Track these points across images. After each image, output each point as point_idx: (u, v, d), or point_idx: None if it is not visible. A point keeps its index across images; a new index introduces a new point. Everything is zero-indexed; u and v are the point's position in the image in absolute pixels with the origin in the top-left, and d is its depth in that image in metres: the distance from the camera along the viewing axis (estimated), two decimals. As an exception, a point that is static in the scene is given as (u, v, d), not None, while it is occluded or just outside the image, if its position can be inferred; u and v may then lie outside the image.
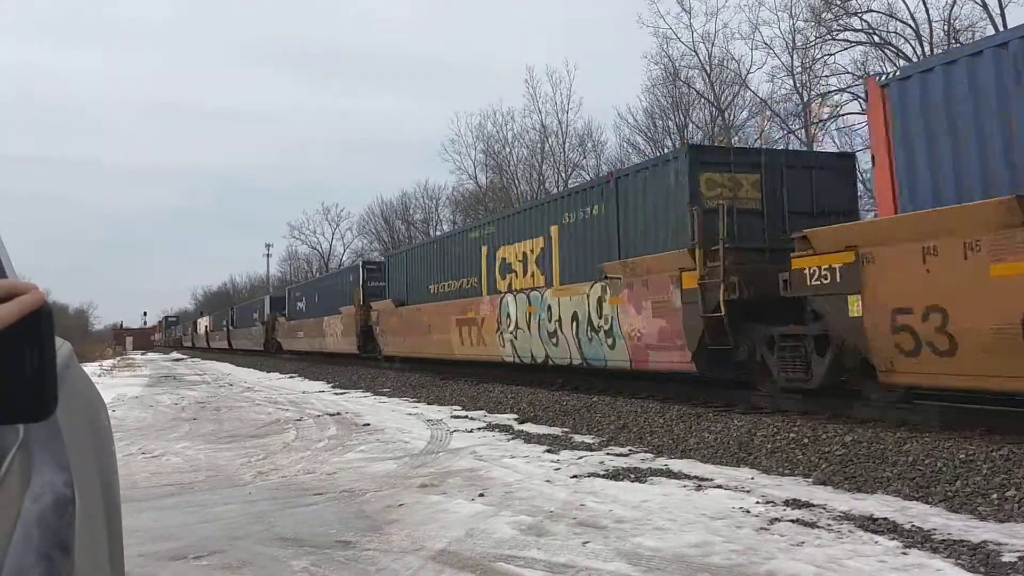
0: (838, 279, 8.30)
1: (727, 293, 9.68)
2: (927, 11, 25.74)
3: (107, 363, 41.13)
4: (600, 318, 12.69)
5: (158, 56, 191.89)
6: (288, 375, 26.50)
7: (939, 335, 7.25)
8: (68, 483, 0.91)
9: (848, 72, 28.02)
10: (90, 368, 30.44)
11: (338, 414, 12.68)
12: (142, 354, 68.10)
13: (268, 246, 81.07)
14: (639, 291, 11.60)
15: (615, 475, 6.88)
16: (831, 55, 28.18)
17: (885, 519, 5.07)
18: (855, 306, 8.09)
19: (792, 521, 5.13)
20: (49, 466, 0.91)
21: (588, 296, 13.02)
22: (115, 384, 22.72)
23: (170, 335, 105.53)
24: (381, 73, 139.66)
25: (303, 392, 18.32)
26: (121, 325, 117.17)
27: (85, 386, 1.53)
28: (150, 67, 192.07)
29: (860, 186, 11.97)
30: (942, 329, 7.21)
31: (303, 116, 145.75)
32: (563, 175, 42.03)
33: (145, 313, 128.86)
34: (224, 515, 5.84)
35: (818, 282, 8.56)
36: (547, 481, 6.70)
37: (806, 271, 8.70)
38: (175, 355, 63.16)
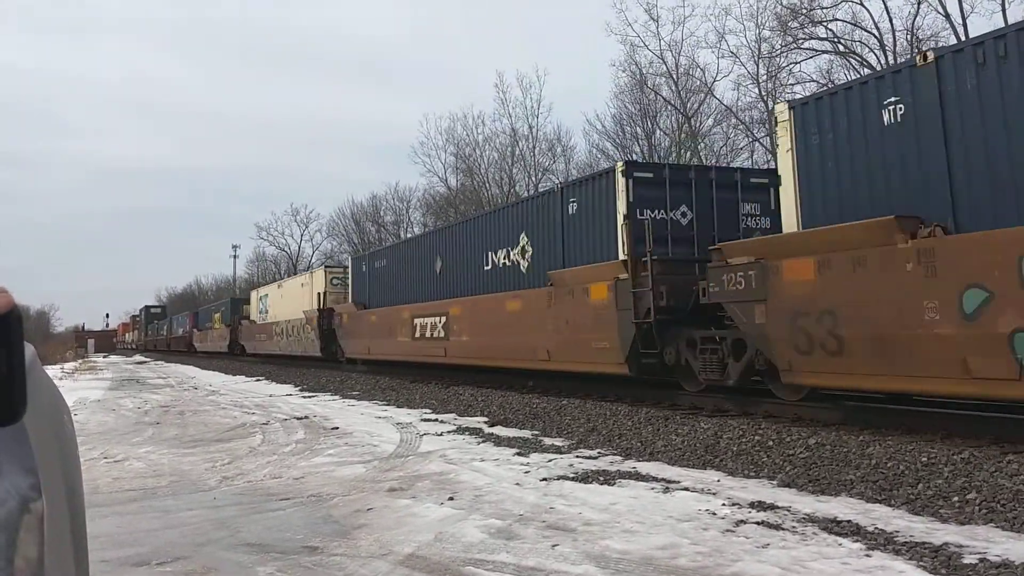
0: None
1: None
2: (891, 21, 26.28)
3: (68, 366, 40.32)
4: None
5: (124, 53, 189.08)
6: (255, 378, 26.19)
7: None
8: (35, 487, 0.90)
9: (813, 80, 28.46)
10: (51, 371, 29.76)
11: (306, 418, 12.56)
12: (104, 357, 66.89)
13: (235, 247, 78.86)
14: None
15: (584, 478, 6.90)
16: (796, 64, 28.61)
17: (849, 521, 5.14)
18: None
19: (757, 523, 5.18)
20: (16, 470, 0.89)
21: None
22: (77, 387, 22.29)
23: (154, 334, 76.17)
24: (352, 73, 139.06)
25: (270, 395, 18.12)
26: (83, 327, 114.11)
27: (49, 389, 1.50)
28: (116, 64, 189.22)
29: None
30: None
31: (272, 115, 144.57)
32: (534, 179, 42.15)
33: (107, 315, 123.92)
34: (188, 521, 5.76)
35: None
36: (517, 484, 6.70)
37: None
38: (138, 358, 62.04)
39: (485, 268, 16.25)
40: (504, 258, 15.56)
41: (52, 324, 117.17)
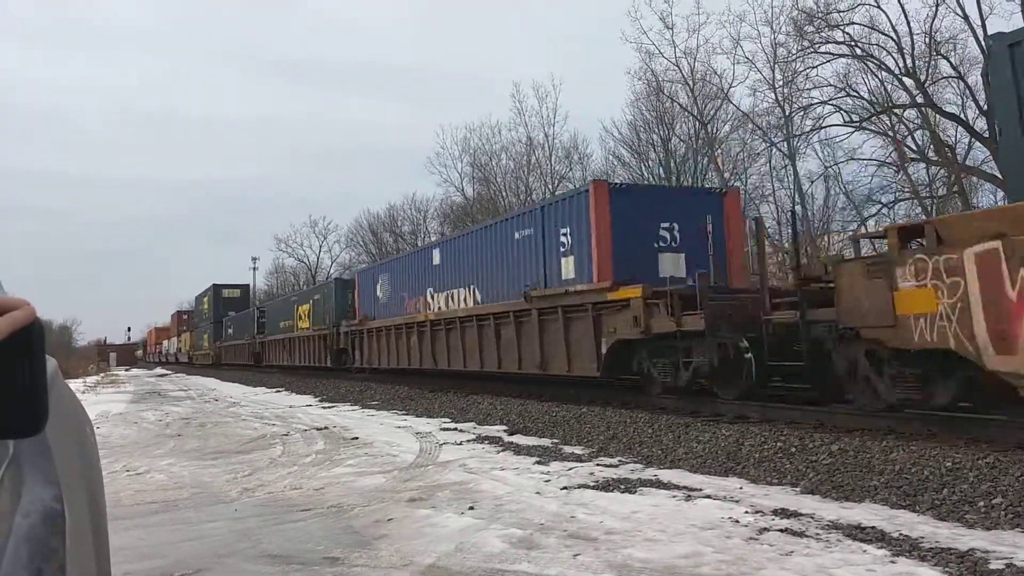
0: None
1: None
2: (908, 24, 26.03)
3: (91, 380, 40.74)
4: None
5: (141, 64, 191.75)
6: (275, 389, 26.34)
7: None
8: (57, 498, 0.91)
9: (830, 85, 28.31)
10: (74, 385, 30.07)
11: (326, 428, 12.60)
12: (126, 370, 67.49)
13: (255, 259, 78.53)
14: None
15: (605, 486, 6.87)
16: (813, 68, 28.45)
17: (873, 528, 5.08)
18: None
19: (781, 531, 5.13)
20: (39, 481, 0.90)
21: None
22: (99, 401, 22.50)
23: (237, 333, 46.20)
24: (368, 84, 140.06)
25: (290, 406, 18.21)
26: (105, 341, 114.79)
27: (71, 402, 1.52)
28: (133, 75, 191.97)
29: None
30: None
31: (290, 126, 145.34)
32: (550, 187, 42.17)
33: (129, 328, 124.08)
34: (210, 532, 5.79)
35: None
36: (537, 493, 6.68)
37: None
38: (159, 371, 62.49)
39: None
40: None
41: (75, 338, 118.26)
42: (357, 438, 11.06)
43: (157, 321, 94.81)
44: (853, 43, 27.23)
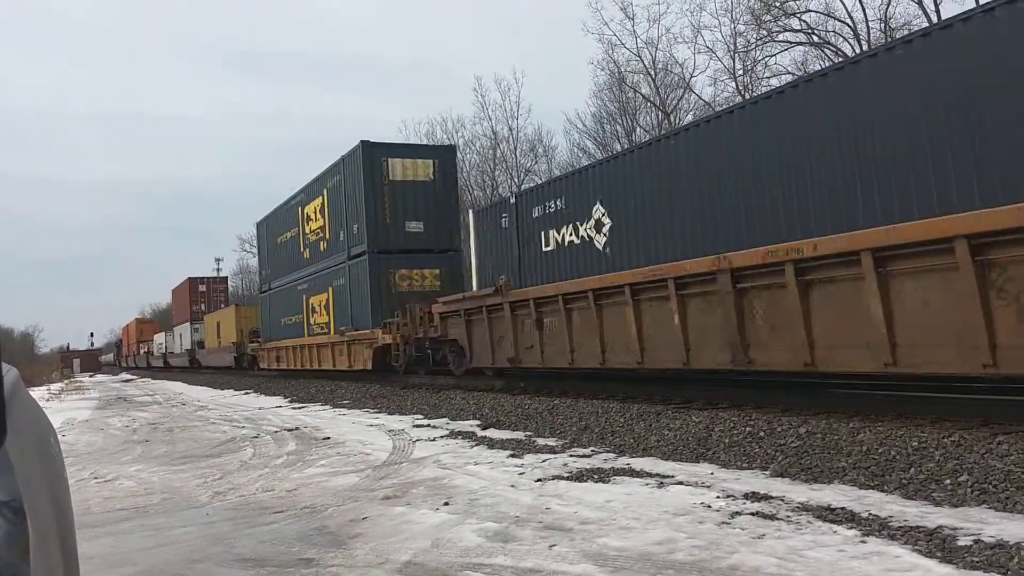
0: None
1: None
2: (864, 10, 26.46)
3: (55, 387, 39.93)
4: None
5: (102, 63, 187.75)
6: (243, 391, 26.03)
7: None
8: (20, 511, 0.88)
9: (789, 73, 28.64)
10: (37, 392, 29.52)
11: (296, 429, 12.49)
12: (90, 376, 66.26)
13: (218, 260, 77.20)
14: None
15: (579, 477, 6.90)
16: (772, 56, 28.79)
17: (843, 508, 5.17)
18: None
19: (752, 514, 5.20)
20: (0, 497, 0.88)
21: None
22: (64, 408, 22.07)
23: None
24: (330, 77, 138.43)
25: (259, 408, 18.02)
26: (68, 347, 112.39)
27: (33, 412, 1.48)
28: (95, 75, 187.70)
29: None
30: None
31: (252, 122, 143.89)
32: (516, 180, 42.18)
33: (92, 334, 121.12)
34: (181, 538, 5.71)
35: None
36: (512, 486, 6.69)
37: None
38: (124, 376, 61.39)
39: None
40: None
41: (37, 345, 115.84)
42: (329, 438, 10.98)
43: (117, 328, 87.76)
44: (810, 31, 27.61)
